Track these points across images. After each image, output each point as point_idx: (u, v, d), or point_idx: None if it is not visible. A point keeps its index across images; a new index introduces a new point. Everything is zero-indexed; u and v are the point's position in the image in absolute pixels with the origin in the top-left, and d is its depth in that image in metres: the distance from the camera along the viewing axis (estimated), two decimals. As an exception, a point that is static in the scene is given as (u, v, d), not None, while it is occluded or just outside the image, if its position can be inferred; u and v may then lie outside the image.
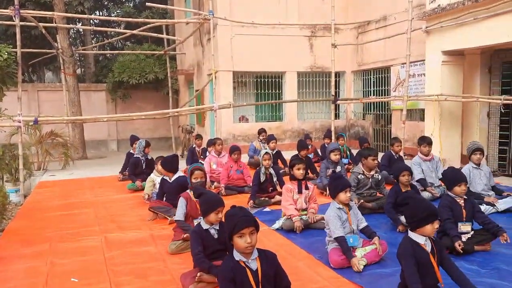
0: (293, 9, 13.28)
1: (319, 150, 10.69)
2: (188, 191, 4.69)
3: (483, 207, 5.63)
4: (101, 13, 22.78)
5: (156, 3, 12.47)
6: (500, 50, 8.63)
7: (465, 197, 4.24)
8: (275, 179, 6.63)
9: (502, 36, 7.40)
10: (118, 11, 20.57)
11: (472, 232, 4.18)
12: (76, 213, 6.37)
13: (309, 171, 7.34)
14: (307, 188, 5.24)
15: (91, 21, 17.40)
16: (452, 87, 8.83)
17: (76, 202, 7.14)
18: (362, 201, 5.71)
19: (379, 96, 12.77)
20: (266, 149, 8.79)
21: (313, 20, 13.23)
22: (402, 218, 4.88)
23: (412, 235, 2.99)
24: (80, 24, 19.19)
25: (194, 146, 9.77)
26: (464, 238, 4.14)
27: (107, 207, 6.72)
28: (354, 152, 9.22)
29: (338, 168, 7.14)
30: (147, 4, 10.88)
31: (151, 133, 18.09)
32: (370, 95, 13.28)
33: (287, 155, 9.08)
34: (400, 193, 4.95)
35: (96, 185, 8.75)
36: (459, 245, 3.93)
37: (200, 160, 9.16)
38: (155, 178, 6.73)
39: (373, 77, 13.22)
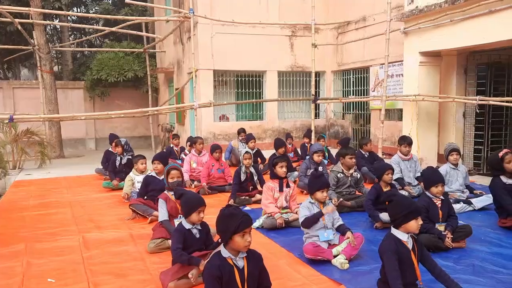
0: (273, 8, 13.31)
1: (299, 150, 10.75)
2: (165, 191, 4.65)
3: (459, 205, 5.78)
4: (79, 10, 22.34)
5: (135, 0, 12.33)
6: (476, 51, 8.85)
7: (442, 197, 4.34)
8: (255, 178, 6.64)
9: (477, 38, 7.59)
10: (96, 8, 20.21)
11: (447, 232, 4.27)
12: (53, 213, 6.25)
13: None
14: (288, 186, 5.28)
15: (69, 17, 17.00)
16: (429, 88, 9.01)
17: (53, 202, 7.00)
18: (341, 199, 5.79)
19: (358, 96, 12.94)
20: (245, 148, 8.80)
21: (294, 19, 13.29)
22: (382, 215, 4.97)
23: (395, 232, 3.05)
24: (58, 20, 18.75)
25: (171, 145, 9.71)
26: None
27: (85, 206, 6.62)
28: (334, 151, 9.32)
29: (320, 169, 7.21)
30: (126, 1, 10.71)
31: (130, 131, 17.86)
32: (350, 95, 13.44)
33: (268, 154, 9.14)
34: (380, 191, 5.05)
35: (73, 184, 8.60)
36: (449, 240, 4.13)
37: (178, 160, 9.15)
38: (134, 177, 6.65)
39: (353, 77, 13.38)
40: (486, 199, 5.89)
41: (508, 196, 4.84)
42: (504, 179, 4.92)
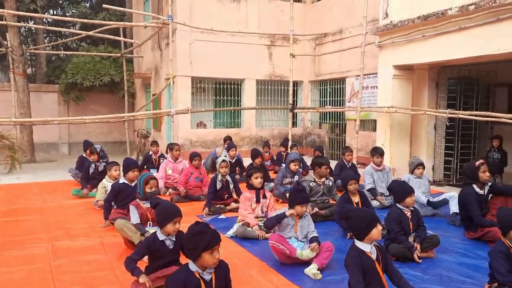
0: (253, 18, 13.43)
1: (275, 157, 10.81)
2: (137, 200, 4.60)
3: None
4: (55, 12, 21.96)
5: (113, 5, 12.22)
6: (447, 66, 9.14)
7: (412, 208, 4.45)
8: (231, 186, 6.64)
9: (447, 54, 7.86)
10: (73, 11, 19.90)
11: (416, 245, 4.38)
12: (22, 220, 6.08)
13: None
14: (264, 197, 5.33)
15: (44, 19, 16.69)
16: (402, 100, 9.24)
17: (22, 208, 6.81)
18: (316, 209, 5.83)
19: (334, 106, 13.15)
20: (226, 156, 8.79)
21: (273, 29, 13.44)
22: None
23: (358, 243, 3.11)
24: (32, 22, 18.37)
25: (150, 153, 9.53)
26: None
27: (56, 213, 6.47)
28: (308, 160, 9.41)
29: (296, 178, 7.29)
30: (104, 6, 10.61)
31: (104, 136, 17.56)
32: (326, 104, 13.65)
33: (245, 162, 9.18)
34: (349, 200, 5.16)
35: (44, 190, 8.39)
36: (417, 255, 4.22)
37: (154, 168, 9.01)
38: (107, 184, 6.54)
39: (329, 87, 13.59)
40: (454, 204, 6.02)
41: (478, 206, 4.95)
42: (476, 188, 5.04)
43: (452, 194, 6.06)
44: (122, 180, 5.76)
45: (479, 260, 4.36)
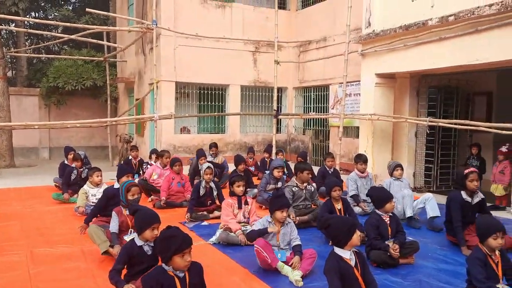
0: (237, 24, 13.49)
1: (259, 163, 10.83)
2: (120, 206, 4.55)
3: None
4: (37, 14, 21.63)
5: (97, 8, 12.13)
6: (427, 75, 9.33)
7: (390, 214, 4.52)
8: (215, 193, 6.62)
9: (428, 63, 8.04)
10: (56, 14, 19.65)
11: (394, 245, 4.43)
12: (0, 226, 5.95)
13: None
14: (246, 203, 5.35)
15: (26, 22, 16.43)
16: (384, 108, 9.39)
17: (0, 214, 6.65)
18: (298, 219, 5.81)
19: (318, 112, 13.27)
20: (214, 162, 8.80)
21: (257, 36, 13.52)
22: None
23: (338, 250, 3.15)
24: (14, 25, 18.05)
25: (130, 157, 9.47)
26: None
27: (35, 219, 6.35)
28: (293, 166, 9.45)
29: (279, 184, 7.31)
30: (87, 10, 10.51)
31: (86, 141, 17.36)
32: (310, 111, 13.76)
33: (230, 168, 9.19)
34: (332, 207, 5.21)
35: (24, 195, 8.22)
36: (395, 249, 4.27)
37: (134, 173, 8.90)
38: (88, 189, 6.46)
39: (313, 94, 13.71)
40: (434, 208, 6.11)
41: (460, 213, 4.97)
42: (464, 195, 5.10)
43: (427, 196, 6.12)
44: (116, 185, 5.60)
45: (458, 266, 4.44)
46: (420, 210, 6.25)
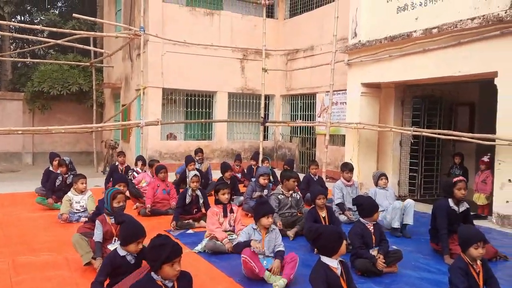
0: (226, 32, 13.55)
1: (245, 170, 10.83)
2: (104, 214, 4.51)
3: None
4: (23, 18, 21.40)
5: (84, 13, 12.06)
6: (412, 85, 9.49)
7: (374, 222, 4.58)
8: (201, 201, 6.60)
9: (412, 74, 8.21)
10: (42, 18, 19.46)
11: (379, 255, 4.49)
12: (-20, 234, 5.84)
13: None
14: (231, 211, 5.35)
15: (11, 26, 16.24)
16: (369, 117, 9.51)
17: (-19, 221, 6.54)
18: (282, 228, 5.79)
19: (305, 120, 13.37)
20: (200, 168, 8.78)
21: (245, 43, 13.60)
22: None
23: (325, 259, 3.18)
24: (-2, 28, 17.84)
25: (116, 163, 9.35)
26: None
27: (18, 226, 6.24)
28: (279, 173, 9.48)
29: (265, 192, 7.33)
30: (74, 15, 10.45)
31: (71, 146, 17.14)
32: (297, 119, 13.85)
33: (215, 174, 9.18)
34: (316, 215, 5.25)
35: (6, 202, 8.07)
36: (381, 261, 4.31)
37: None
38: (72, 196, 6.39)
39: (300, 102, 13.82)
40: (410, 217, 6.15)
41: (446, 221, 5.02)
42: (451, 203, 5.16)
43: (407, 203, 6.09)
44: None
45: (440, 275, 4.50)
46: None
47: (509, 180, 6.67)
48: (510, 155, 6.65)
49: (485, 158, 7.69)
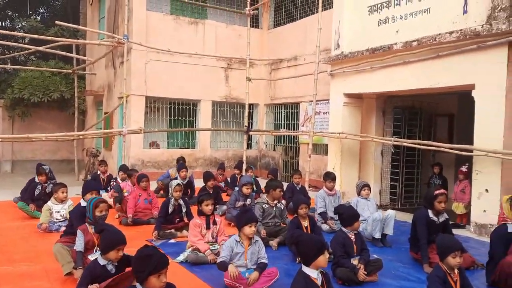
0: (210, 40, 13.60)
1: (229, 179, 10.83)
2: (86, 224, 4.47)
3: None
4: (3, 24, 21.08)
5: (67, 20, 11.96)
6: (393, 96, 9.68)
7: (355, 231, 4.64)
8: (184, 210, 6.57)
9: (393, 85, 8.38)
10: (23, 24, 19.19)
11: (360, 265, 4.54)
12: (-44, 244, 5.70)
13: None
14: (214, 223, 5.31)
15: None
16: (352, 127, 9.65)
17: (-43, 231, 6.38)
18: (266, 237, 5.81)
19: (288, 129, 13.46)
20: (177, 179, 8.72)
21: (230, 53, 13.66)
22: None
23: (305, 269, 3.22)
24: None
25: (98, 172, 9.24)
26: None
27: (-5, 236, 6.11)
28: (263, 182, 9.52)
29: (248, 201, 7.34)
30: (56, 22, 10.35)
31: (51, 154, 16.84)
32: (281, 128, 13.93)
33: (198, 183, 9.15)
34: (299, 224, 5.28)
35: (-17, 211, 7.90)
36: (362, 272, 4.36)
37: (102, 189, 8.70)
38: (52, 206, 6.30)
39: (284, 111, 13.92)
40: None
41: (426, 231, 5.10)
42: (430, 213, 5.25)
43: (387, 214, 6.15)
44: (83, 203, 5.41)
45: (419, 284, 4.58)
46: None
47: (486, 190, 6.83)
48: (487, 166, 6.81)
49: (464, 168, 7.86)
